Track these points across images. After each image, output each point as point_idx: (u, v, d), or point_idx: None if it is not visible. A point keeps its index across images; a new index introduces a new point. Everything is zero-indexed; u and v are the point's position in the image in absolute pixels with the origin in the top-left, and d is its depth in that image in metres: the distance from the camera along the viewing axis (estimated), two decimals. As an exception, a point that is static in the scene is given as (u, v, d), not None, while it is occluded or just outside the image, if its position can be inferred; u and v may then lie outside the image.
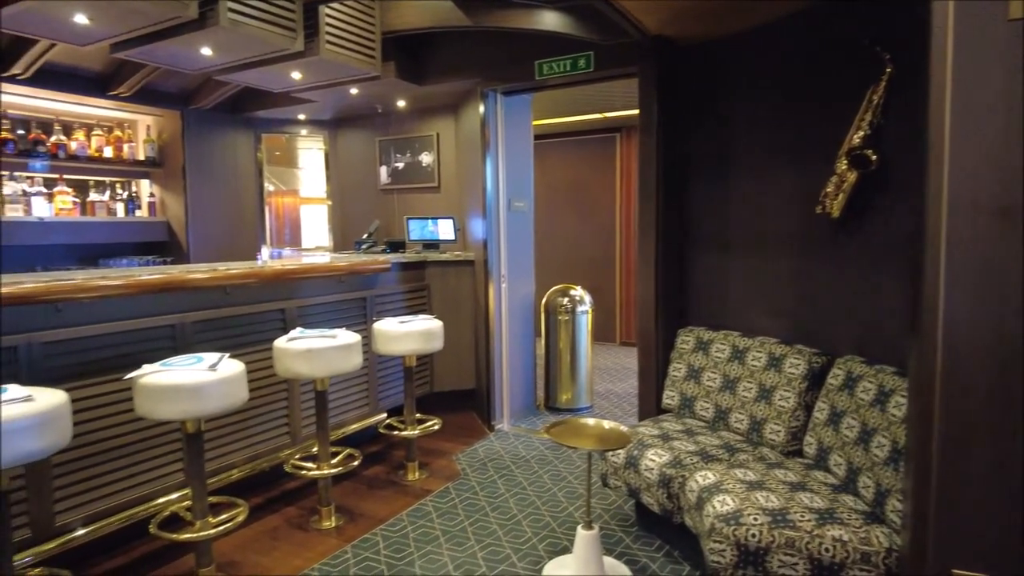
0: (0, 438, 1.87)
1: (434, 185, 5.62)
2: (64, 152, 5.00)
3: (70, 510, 2.71)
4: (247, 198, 5.96)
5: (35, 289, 2.47)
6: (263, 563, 2.89)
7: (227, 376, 2.52)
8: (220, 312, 3.29)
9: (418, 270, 4.82)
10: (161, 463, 3.04)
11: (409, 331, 3.66)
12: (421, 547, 3.03)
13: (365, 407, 4.24)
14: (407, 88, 4.89)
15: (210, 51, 3.84)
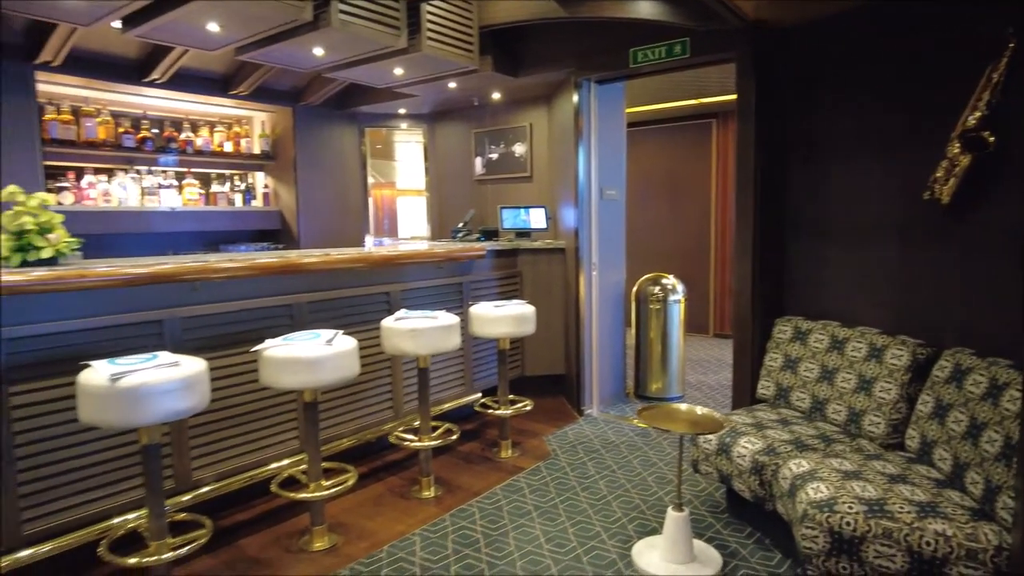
0: (142, 396, 2.15)
1: (527, 175, 5.74)
2: (192, 148, 5.48)
3: (204, 467, 3.04)
4: (352, 189, 6.31)
5: (175, 270, 2.78)
6: (368, 526, 3.13)
7: (342, 351, 2.75)
8: (332, 294, 3.55)
9: (511, 257, 4.96)
10: (280, 430, 3.34)
11: (503, 315, 3.80)
12: (514, 520, 3.17)
13: (461, 387, 4.43)
14: (502, 80, 5.02)
15: (321, 50, 4.11)
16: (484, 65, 4.64)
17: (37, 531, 2.53)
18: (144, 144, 5.16)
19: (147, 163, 5.30)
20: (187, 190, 5.50)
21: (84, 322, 2.62)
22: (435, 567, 2.75)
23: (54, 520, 2.58)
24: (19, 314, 2.46)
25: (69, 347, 2.58)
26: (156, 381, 2.18)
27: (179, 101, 5.38)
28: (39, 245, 2.52)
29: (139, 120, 5.26)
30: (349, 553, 2.86)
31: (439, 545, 2.93)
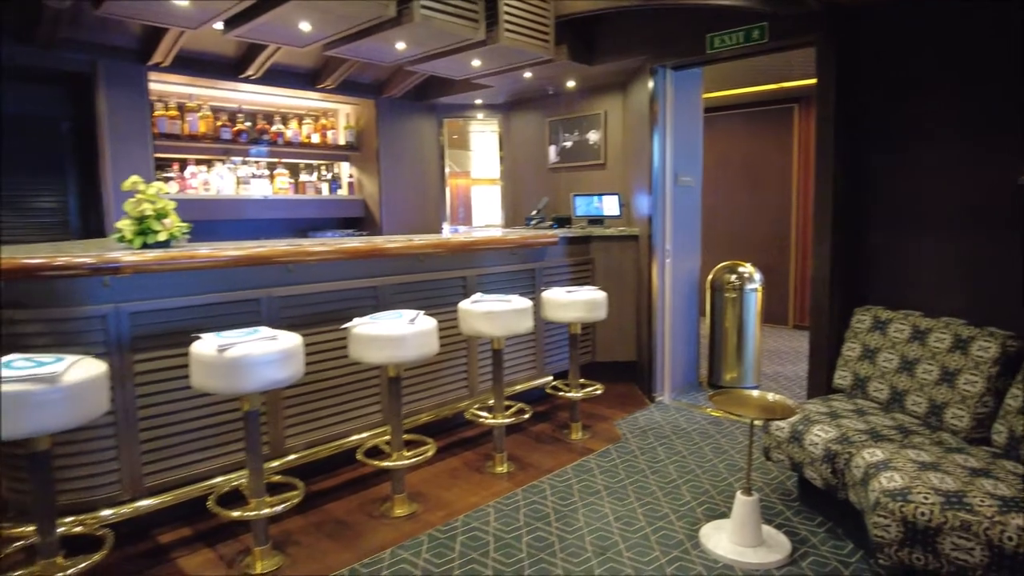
0: (242, 366, 2.38)
1: (600, 162, 5.78)
2: (282, 139, 5.82)
3: (295, 436, 3.29)
4: (430, 179, 6.53)
5: (273, 252, 3.02)
6: (445, 496, 3.30)
7: (424, 330, 2.92)
8: (413, 277, 3.74)
9: (583, 244, 5.03)
10: (364, 403, 3.56)
11: (575, 300, 3.89)
12: (584, 498, 3.28)
13: (532, 369, 4.56)
14: (578, 69, 5.07)
15: (403, 44, 4.29)
16: (559, 54, 4.71)
17: (155, 484, 2.84)
18: (239, 136, 5.52)
19: (242, 154, 5.68)
20: (278, 179, 5.85)
21: (193, 299, 2.90)
22: (507, 537, 2.89)
23: (169, 475, 2.88)
24: (140, 291, 2.75)
25: (180, 321, 2.86)
26: (258, 353, 2.40)
27: (271, 95, 5.72)
28: (156, 229, 2.80)
29: (235, 114, 5.63)
30: (427, 520, 3.04)
31: (511, 517, 3.07)
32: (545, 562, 2.70)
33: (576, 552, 2.77)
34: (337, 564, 2.68)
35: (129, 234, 2.77)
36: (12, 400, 1.96)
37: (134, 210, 2.79)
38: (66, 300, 2.62)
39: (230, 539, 2.89)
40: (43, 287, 2.61)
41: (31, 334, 2.60)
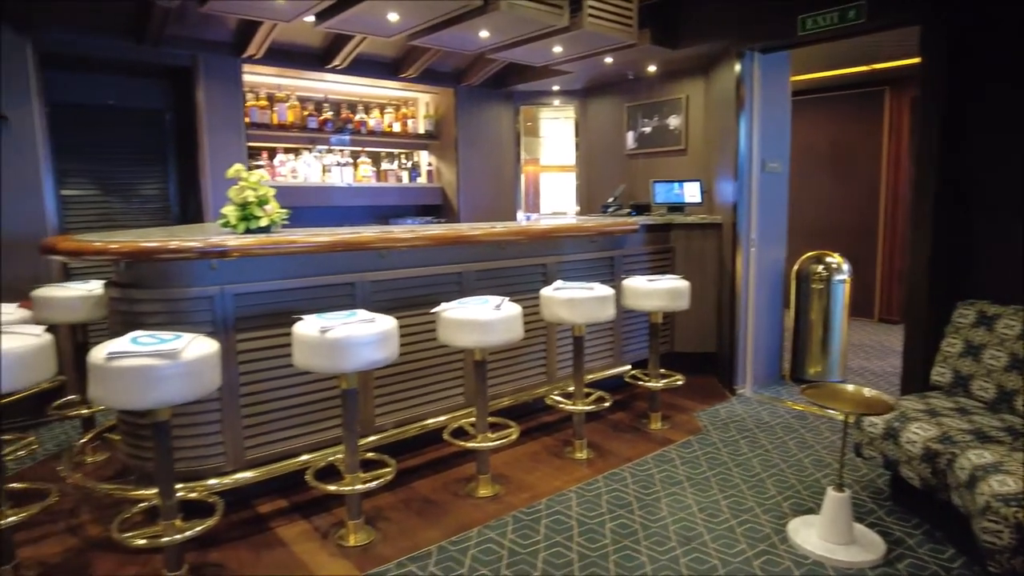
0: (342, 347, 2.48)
1: (681, 148, 5.67)
2: (365, 128, 5.97)
3: (384, 415, 3.41)
4: (506, 166, 6.57)
5: (366, 238, 3.12)
6: (527, 480, 3.35)
7: (509, 315, 2.97)
8: (495, 264, 3.79)
9: (663, 232, 4.96)
10: (448, 386, 3.65)
11: (657, 288, 3.85)
12: (666, 487, 3.26)
13: (610, 358, 4.54)
14: (660, 53, 4.98)
15: (487, 32, 4.33)
16: (642, 39, 4.64)
17: (255, 457, 3.00)
18: (325, 125, 5.71)
19: (326, 143, 5.86)
20: (361, 167, 6.01)
21: (291, 282, 3.03)
22: (591, 523, 2.91)
23: (267, 449, 3.04)
24: (244, 274, 2.90)
25: (280, 303, 3.01)
26: (358, 334, 2.50)
27: (354, 85, 5.88)
28: (258, 215, 2.94)
29: (321, 103, 5.82)
30: (511, 502, 3.10)
31: (593, 503, 3.09)
32: (629, 549, 2.71)
33: (660, 541, 2.77)
34: (425, 541, 2.77)
35: (233, 220, 2.92)
36: (139, 373, 2.11)
37: (237, 197, 2.93)
38: (177, 281, 2.79)
39: (323, 512, 3.03)
40: (157, 269, 2.79)
41: (146, 312, 2.78)
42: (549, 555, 2.66)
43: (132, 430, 2.86)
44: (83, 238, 2.79)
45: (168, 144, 5.28)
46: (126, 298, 2.82)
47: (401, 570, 2.56)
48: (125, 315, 2.82)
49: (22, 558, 2.56)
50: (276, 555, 2.68)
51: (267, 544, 2.76)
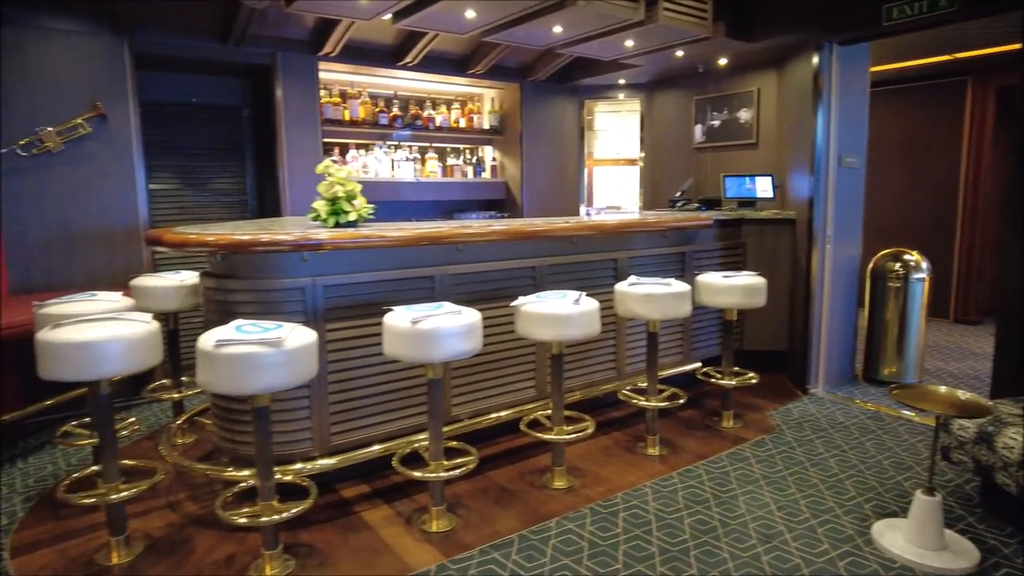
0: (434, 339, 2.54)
1: (751, 142, 5.57)
2: (433, 124, 6.07)
3: (461, 405, 3.48)
4: (569, 161, 6.57)
5: (447, 233, 3.19)
6: (601, 473, 3.38)
7: (588, 310, 2.99)
8: (567, 258, 3.82)
9: (734, 228, 4.89)
10: (522, 378, 3.70)
11: (733, 285, 3.80)
12: (743, 485, 3.23)
13: (680, 355, 4.52)
14: (733, 46, 4.90)
15: (560, 28, 4.34)
16: (717, 32, 4.57)
17: (340, 443, 3.11)
18: (395, 121, 5.82)
19: (396, 139, 5.98)
20: (428, 163, 6.11)
21: (376, 274, 3.13)
22: (668, 518, 2.92)
23: (352, 436, 3.15)
24: (333, 266, 3.00)
25: (366, 295, 3.10)
26: (447, 326, 2.57)
27: (422, 81, 5.98)
28: (347, 210, 3.04)
29: (391, 100, 5.94)
30: (587, 495, 3.13)
31: (670, 499, 3.09)
32: (709, 545, 2.70)
33: (740, 538, 2.75)
34: (506, 529, 2.82)
35: (324, 214, 3.02)
36: (246, 360, 2.22)
37: (327, 192, 3.03)
38: (271, 272, 2.91)
39: (404, 498, 3.12)
40: (252, 260, 2.92)
41: (241, 302, 2.91)
42: (629, 548, 2.68)
43: (225, 414, 3.00)
44: (184, 230, 2.93)
45: (246, 140, 5.48)
46: (221, 288, 2.96)
47: (484, 557, 2.62)
48: (221, 304, 2.96)
49: (131, 530, 2.73)
50: (363, 538, 2.78)
51: (353, 527, 2.86)
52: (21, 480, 3.38)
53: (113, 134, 4.36)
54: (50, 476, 3.42)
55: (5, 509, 3.07)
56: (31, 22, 4.06)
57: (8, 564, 2.61)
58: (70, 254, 4.28)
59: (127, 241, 4.46)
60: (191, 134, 5.24)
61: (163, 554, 2.67)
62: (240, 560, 2.61)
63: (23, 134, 4.08)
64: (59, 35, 4.15)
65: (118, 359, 2.38)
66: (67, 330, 2.37)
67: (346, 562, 2.59)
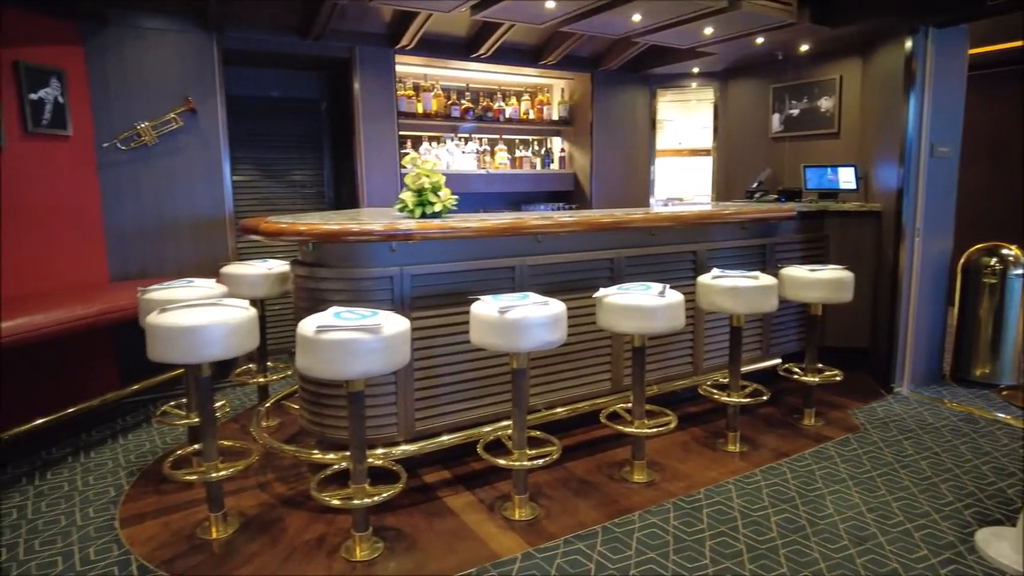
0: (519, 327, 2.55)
1: (833, 131, 5.36)
2: (503, 116, 6.08)
3: (536, 395, 3.49)
4: (640, 151, 6.48)
5: (528, 223, 3.20)
6: (681, 468, 3.33)
7: (673, 303, 2.95)
8: (645, 250, 3.77)
9: (815, 220, 4.72)
10: (597, 370, 3.68)
11: (819, 279, 3.69)
12: (829, 484, 3.14)
13: (758, 351, 4.41)
14: (817, 32, 4.72)
15: (639, 16, 4.27)
16: (802, 18, 4.42)
17: (423, 429, 3.17)
18: (467, 114, 5.86)
19: (467, 131, 6.02)
20: (498, 155, 6.13)
21: (459, 264, 3.16)
22: (754, 515, 2.86)
23: (434, 423, 3.20)
24: (419, 256, 3.05)
25: (449, 284, 3.15)
26: (534, 315, 2.58)
27: (493, 73, 5.99)
28: (432, 201, 3.08)
29: (462, 92, 5.98)
30: (668, 490, 3.10)
31: (754, 496, 3.03)
32: (799, 544, 2.64)
33: (831, 538, 2.68)
34: (589, 520, 2.82)
35: (411, 204, 3.08)
36: (346, 346, 2.29)
37: (414, 183, 3.08)
38: (361, 262, 2.98)
39: (485, 485, 3.16)
40: (341, 250, 2.99)
41: (331, 290, 3.00)
42: (716, 544, 2.65)
43: (315, 399, 3.10)
44: (278, 220, 3.03)
45: (323, 133, 5.62)
46: (313, 276, 3.05)
47: (569, 547, 2.63)
48: (312, 292, 3.05)
49: (227, 507, 2.85)
50: (447, 523, 2.83)
51: (437, 512, 2.92)
52: (124, 456, 3.58)
53: (202, 128, 4.54)
54: (148, 453, 3.61)
55: (112, 482, 3.25)
56: (130, 22, 4.26)
57: (120, 533, 2.77)
58: (162, 243, 4.49)
59: (213, 230, 4.65)
60: (271, 127, 5.41)
61: (257, 532, 2.78)
62: (331, 541, 2.69)
63: (122, 129, 4.29)
64: (154, 34, 4.34)
65: (219, 343, 2.49)
66: (173, 315, 2.49)
67: (432, 546, 2.65)
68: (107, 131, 4.25)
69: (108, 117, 4.25)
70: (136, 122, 4.32)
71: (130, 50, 4.28)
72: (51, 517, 2.92)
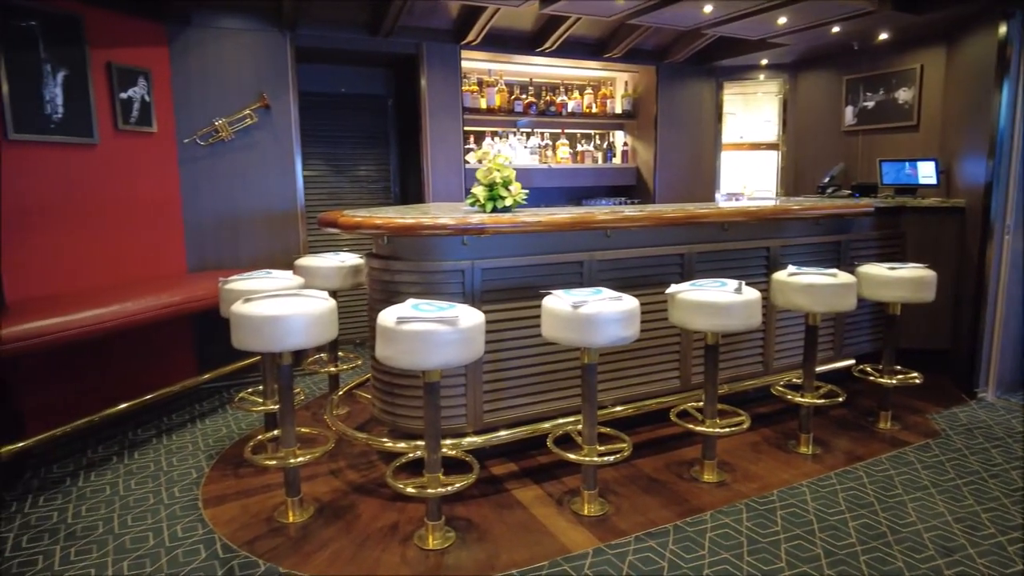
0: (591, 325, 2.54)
1: (911, 123, 5.14)
2: (565, 110, 6.05)
3: (604, 392, 3.47)
4: (705, 145, 6.36)
5: (598, 217, 3.17)
6: (752, 469, 3.26)
7: (750, 300, 2.88)
8: (716, 246, 3.70)
9: (892, 216, 4.54)
10: (665, 368, 3.64)
11: (900, 277, 3.54)
12: (909, 491, 3.02)
13: (830, 351, 4.27)
14: (898, 19, 4.52)
15: (711, 7, 4.19)
16: (883, 5, 4.24)
17: (491, 422, 3.20)
18: (529, 108, 5.86)
19: (529, 125, 6.02)
20: (559, 149, 6.11)
21: (529, 259, 3.17)
22: (831, 519, 2.78)
23: (502, 415, 3.22)
24: (489, 249, 3.08)
25: (517, 278, 3.16)
26: (608, 311, 2.56)
27: (556, 67, 5.96)
28: (503, 195, 3.10)
29: (525, 87, 5.98)
30: (739, 490, 3.04)
31: (830, 500, 2.94)
32: (880, 552, 2.55)
33: (915, 547, 2.58)
34: (660, 519, 2.79)
35: (482, 199, 3.10)
36: (426, 337, 2.32)
37: (485, 178, 3.10)
38: (434, 255, 3.02)
39: (552, 479, 3.16)
40: (415, 243, 3.04)
41: (405, 283, 3.05)
42: (791, 547, 2.58)
43: (388, 388, 3.16)
44: (353, 214, 3.09)
45: (389, 128, 5.71)
46: (387, 269, 3.10)
47: (640, 544, 2.61)
48: (386, 284, 3.11)
49: (302, 493, 2.94)
50: (516, 515, 2.84)
51: (506, 504, 2.94)
52: (203, 439, 3.73)
53: (275, 124, 4.68)
54: (225, 437, 3.75)
55: (193, 464, 3.40)
56: (210, 23, 4.42)
57: (203, 513, 2.89)
58: (236, 235, 4.65)
59: (286, 224, 4.79)
60: (340, 123, 5.53)
61: (332, 517, 2.86)
62: (404, 529, 2.75)
63: (201, 125, 4.46)
64: (232, 33, 4.49)
65: (301, 333, 2.57)
66: (257, 304, 2.58)
67: (503, 538, 2.67)
68: (187, 127, 4.43)
69: (188, 114, 4.43)
70: (214, 118, 4.49)
71: (210, 49, 4.44)
72: (140, 495, 3.07)
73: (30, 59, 3.44)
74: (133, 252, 4.14)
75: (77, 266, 3.77)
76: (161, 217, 4.33)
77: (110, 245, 3.97)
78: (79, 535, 2.74)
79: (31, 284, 3.50)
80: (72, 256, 3.74)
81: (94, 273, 3.87)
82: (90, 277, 3.85)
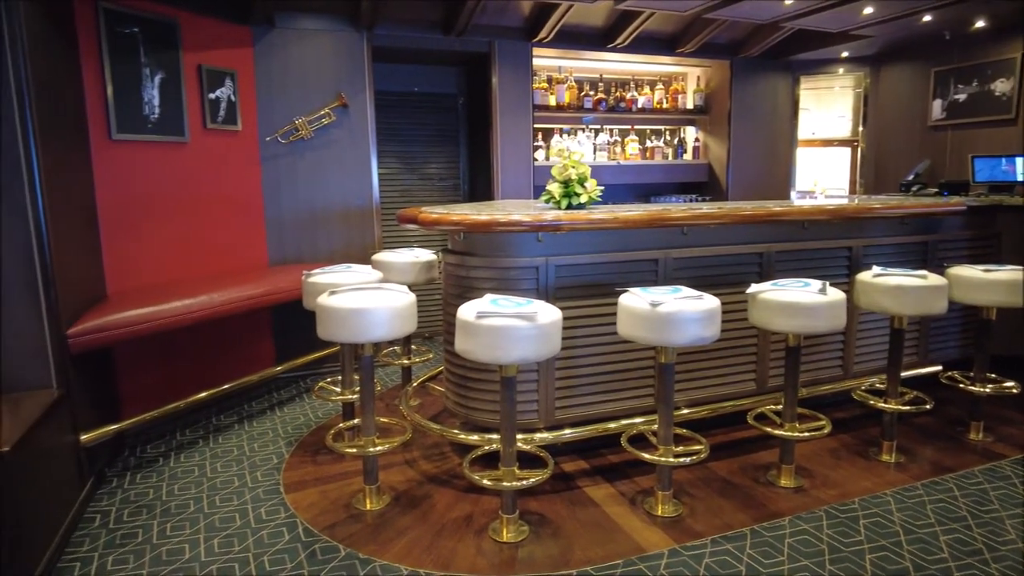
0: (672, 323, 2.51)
1: (1009, 117, 4.86)
2: (636, 106, 5.99)
3: (679, 392, 3.42)
4: (781, 141, 6.18)
5: (675, 214, 3.13)
6: (832, 476, 3.16)
7: (835, 300, 2.79)
8: (796, 245, 3.59)
9: (986, 216, 4.30)
10: (741, 370, 3.56)
11: (996, 280, 3.35)
12: (1007, 507, 2.86)
13: (914, 356, 4.09)
14: (996, 6, 4.28)
15: (791, 0, 4.06)
16: (984, -10, 4.03)
17: (563, 418, 3.21)
18: (599, 105, 5.82)
19: (599, 122, 5.99)
20: (629, 146, 6.05)
21: (602, 256, 3.16)
22: (918, 532, 2.67)
23: (574, 412, 3.23)
24: (563, 246, 3.08)
25: (591, 276, 3.15)
26: (688, 310, 2.53)
27: (626, 63, 5.91)
28: (578, 192, 3.09)
29: (595, 83, 5.94)
30: (819, 497, 2.95)
31: (917, 512, 2.82)
32: (976, 569, 2.43)
33: (1015, 567, 2.44)
34: (736, 522, 2.74)
35: (557, 196, 3.10)
36: (505, 331, 2.35)
37: (560, 175, 3.10)
38: (509, 251, 3.05)
39: (624, 479, 3.15)
40: (490, 239, 3.07)
41: (480, 278, 3.09)
42: (877, 558, 2.49)
43: (462, 382, 3.21)
44: (431, 210, 3.15)
45: (459, 126, 5.78)
46: (463, 265, 3.15)
47: (716, 547, 2.57)
48: (461, 280, 3.16)
49: (379, 482, 3.02)
50: (589, 513, 2.84)
51: (579, 501, 2.94)
52: (282, 426, 3.88)
53: (352, 122, 4.81)
54: (303, 425, 3.89)
55: (273, 451, 3.54)
56: (292, 24, 4.58)
57: (285, 497, 3.01)
58: (314, 230, 4.81)
59: (362, 220, 4.92)
60: (412, 121, 5.63)
61: (408, 506, 2.93)
62: (478, 520, 2.79)
63: (282, 123, 4.63)
64: (312, 34, 4.64)
65: (384, 325, 2.64)
66: (342, 297, 2.66)
67: (577, 535, 2.67)
68: (269, 126, 4.60)
69: (270, 113, 4.60)
70: (294, 117, 4.65)
71: (291, 50, 4.60)
72: (226, 477, 3.23)
73: (132, 63, 3.65)
74: (218, 245, 4.34)
75: (168, 259, 3.98)
76: (244, 212, 4.52)
77: (198, 239, 4.17)
78: (173, 512, 2.90)
79: (128, 276, 3.72)
80: (164, 249, 3.95)
81: (183, 266, 4.08)
82: (179, 269, 4.05)
